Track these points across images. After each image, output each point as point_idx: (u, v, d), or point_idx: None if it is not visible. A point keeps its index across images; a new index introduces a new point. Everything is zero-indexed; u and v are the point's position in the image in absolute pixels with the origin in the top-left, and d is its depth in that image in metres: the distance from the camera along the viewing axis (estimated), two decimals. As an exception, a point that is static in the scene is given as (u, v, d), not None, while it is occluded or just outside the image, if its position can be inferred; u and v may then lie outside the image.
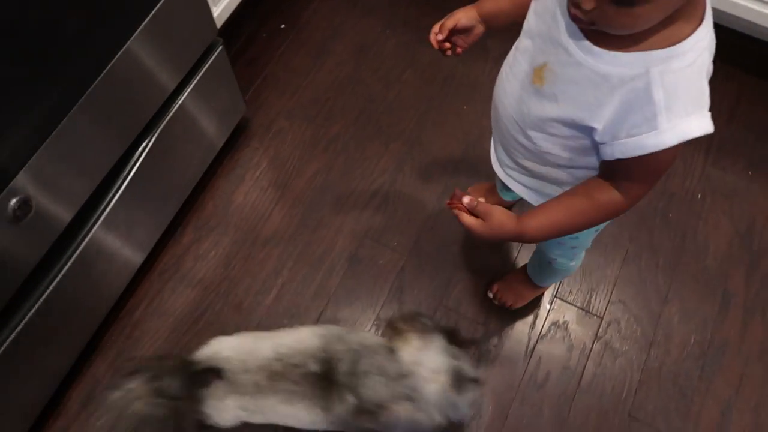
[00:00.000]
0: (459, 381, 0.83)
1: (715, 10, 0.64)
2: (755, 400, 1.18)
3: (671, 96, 0.61)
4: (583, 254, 1.05)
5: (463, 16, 0.82)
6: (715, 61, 0.64)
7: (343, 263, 1.30)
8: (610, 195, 0.70)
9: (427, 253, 1.30)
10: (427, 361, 0.83)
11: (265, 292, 1.28)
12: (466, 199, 0.73)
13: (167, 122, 1.11)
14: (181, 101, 1.12)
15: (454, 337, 0.86)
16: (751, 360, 1.21)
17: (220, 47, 1.16)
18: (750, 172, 1.39)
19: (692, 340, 1.23)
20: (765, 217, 1.35)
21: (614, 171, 0.69)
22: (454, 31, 0.83)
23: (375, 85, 1.49)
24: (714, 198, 1.36)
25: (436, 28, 0.84)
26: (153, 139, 1.09)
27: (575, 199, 0.72)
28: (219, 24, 1.32)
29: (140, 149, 1.09)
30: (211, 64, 1.15)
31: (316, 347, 0.86)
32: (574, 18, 0.62)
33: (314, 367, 0.83)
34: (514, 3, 0.80)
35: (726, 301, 1.26)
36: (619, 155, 0.65)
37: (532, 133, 0.75)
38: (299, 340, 0.88)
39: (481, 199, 0.74)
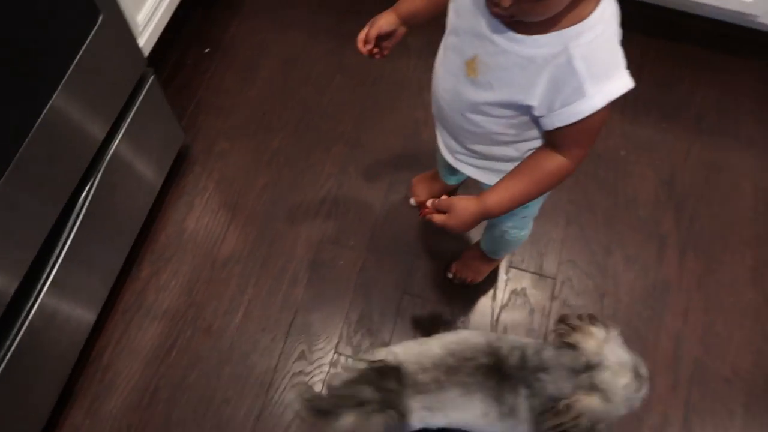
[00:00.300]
0: (637, 377, 0.83)
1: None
2: (701, 328, 1.29)
3: (591, 64, 0.68)
4: (531, 223, 1.12)
5: (384, 23, 0.88)
6: (624, 26, 0.73)
7: (305, 270, 1.33)
8: (556, 161, 0.77)
9: (384, 246, 1.35)
10: (611, 354, 0.82)
11: (233, 312, 1.29)
12: (429, 202, 0.81)
13: (105, 167, 1.09)
14: (117, 141, 1.11)
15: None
16: (691, 293, 1.32)
17: (152, 77, 1.17)
18: (664, 124, 1.52)
19: (638, 286, 1.33)
20: (683, 162, 1.47)
21: (556, 138, 0.77)
22: (379, 38, 0.88)
23: (308, 94, 1.52)
24: (636, 152, 1.48)
25: (362, 36, 0.89)
26: (92, 188, 1.07)
27: (527, 169, 0.80)
28: (145, 53, 1.33)
29: (80, 202, 1.06)
30: (145, 95, 1.16)
31: (482, 344, 0.90)
32: (495, 15, 0.69)
33: (485, 359, 0.87)
34: (429, 2, 0.86)
35: (662, 243, 1.38)
36: (558, 124, 0.73)
37: (476, 118, 0.81)
38: (464, 338, 0.93)
39: (444, 197, 0.82)
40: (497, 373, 0.88)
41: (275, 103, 1.51)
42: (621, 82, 0.70)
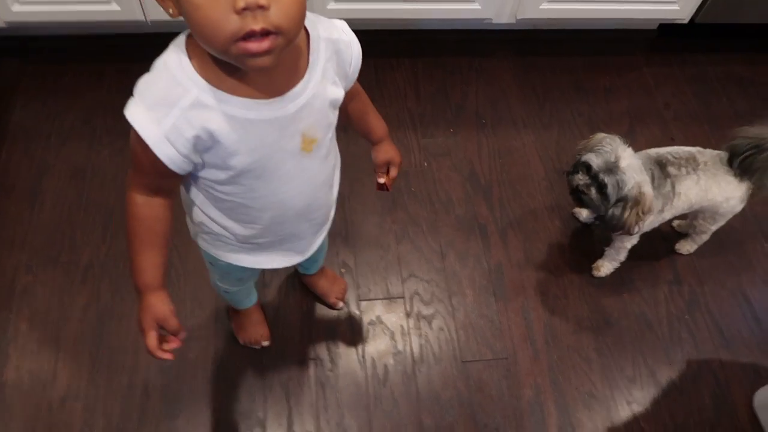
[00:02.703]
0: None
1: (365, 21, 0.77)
2: (539, 295, 1.40)
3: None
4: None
5: (166, 309, 0.78)
6: (390, 56, 0.79)
7: (156, 378, 1.24)
8: None
9: (230, 327, 1.31)
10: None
11: (88, 451, 1.16)
12: (386, 181, 0.99)
13: None
14: None
15: None
16: (522, 266, 1.44)
17: None
18: (452, 129, 1.66)
19: (476, 276, 1.42)
20: (478, 156, 1.61)
21: None
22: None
23: (108, 198, 1.45)
24: (437, 160, 1.60)
25: (154, 344, 0.77)
26: None
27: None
28: None
29: None
30: None
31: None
32: (251, 51, 0.59)
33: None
34: (164, 252, 0.79)
35: (483, 232, 1.49)
36: None
37: (324, 174, 0.83)
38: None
39: (391, 172, 1.00)
40: None
41: (74, 219, 1.42)
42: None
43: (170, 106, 0.64)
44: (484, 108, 1.72)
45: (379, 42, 1.78)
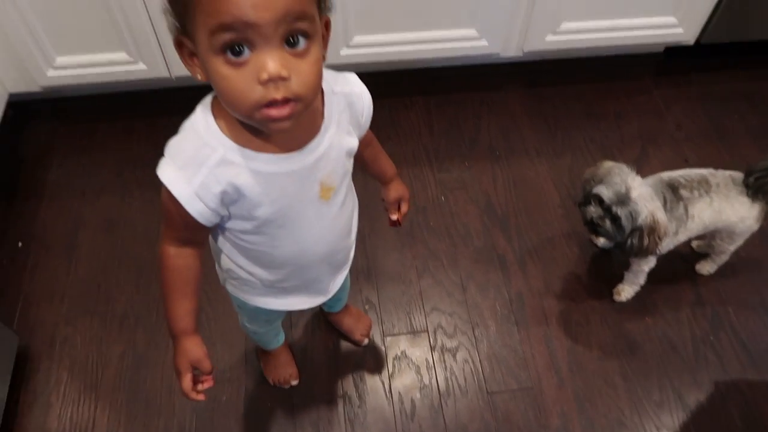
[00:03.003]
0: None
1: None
2: (562, 323, 1.42)
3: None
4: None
5: (200, 353, 0.82)
6: (403, 96, 0.84)
7: (190, 421, 1.28)
8: None
9: (260, 367, 1.35)
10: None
11: (129, 495, 1.20)
12: (398, 218, 1.05)
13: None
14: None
15: None
16: (542, 295, 1.46)
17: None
18: (467, 162, 1.70)
19: (498, 306, 1.44)
20: (493, 188, 1.65)
21: None
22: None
23: (140, 249, 1.52)
24: (453, 194, 1.64)
25: (189, 386, 0.82)
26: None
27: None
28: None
29: None
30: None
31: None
32: (273, 116, 0.63)
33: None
34: (196, 299, 0.83)
35: (503, 263, 1.51)
36: None
37: (343, 218, 0.87)
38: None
39: (402, 208, 1.05)
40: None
41: (108, 271, 1.48)
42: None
43: (199, 165, 0.70)
44: (496, 140, 1.76)
45: (392, 83, 1.84)
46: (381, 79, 0.87)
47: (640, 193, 1.18)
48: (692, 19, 1.72)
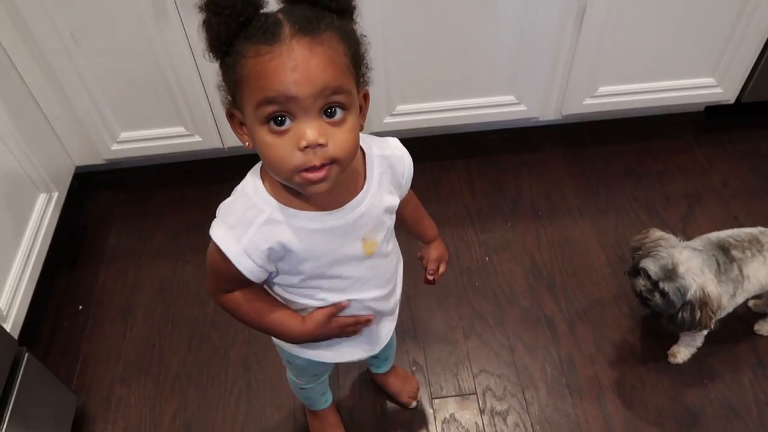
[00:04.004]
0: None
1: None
2: (615, 385, 1.38)
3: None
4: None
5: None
6: (444, 159, 0.88)
7: (240, 484, 1.28)
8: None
9: (308, 429, 1.35)
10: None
11: None
12: (434, 275, 1.06)
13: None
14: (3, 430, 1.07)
15: None
16: (593, 356, 1.43)
17: (26, 355, 1.16)
18: (509, 223, 1.72)
19: (548, 368, 1.42)
20: (537, 248, 1.65)
21: None
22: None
23: (192, 311, 1.56)
24: (497, 254, 1.64)
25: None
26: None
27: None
28: (16, 335, 1.33)
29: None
30: (23, 375, 1.14)
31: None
32: (310, 179, 0.68)
33: None
34: None
35: (551, 324, 1.49)
36: None
37: (389, 264, 0.90)
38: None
39: (440, 267, 1.05)
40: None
41: (162, 332, 1.53)
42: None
43: (247, 225, 0.75)
44: (539, 200, 1.77)
45: (433, 147, 1.90)
46: (422, 144, 0.92)
47: (687, 267, 1.17)
48: (731, 78, 1.74)
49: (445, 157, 1.90)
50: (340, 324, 0.88)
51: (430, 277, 1.06)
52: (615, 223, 1.70)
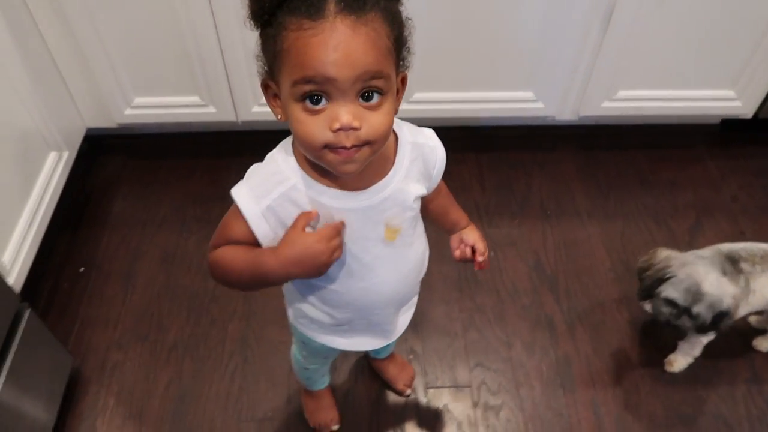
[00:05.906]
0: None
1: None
2: (609, 389, 1.38)
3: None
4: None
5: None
6: (456, 151, 0.86)
7: (230, 457, 1.28)
8: None
9: (301, 409, 1.35)
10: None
11: None
12: (482, 261, 1.01)
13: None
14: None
15: None
16: (590, 359, 1.43)
17: (28, 311, 1.16)
18: (517, 220, 1.71)
19: (544, 367, 1.42)
20: (543, 247, 1.65)
21: None
22: None
23: (192, 283, 1.56)
24: (502, 250, 1.64)
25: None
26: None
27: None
28: (18, 290, 1.33)
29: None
30: (24, 331, 1.14)
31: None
32: (340, 156, 0.67)
33: None
34: None
35: (550, 323, 1.49)
36: None
37: (412, 254, 0.88)
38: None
39: (481, 254, 1.00)
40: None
41: (162, 301, 1.53)
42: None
43: (270, 189, 0.75)
44: (548, 200, 1.77)
45: (446, 138, 1.87)
46: (435, 133, 0.90)
47: (711, 282, 1.17)
48: (751, 93, 1.73)
49: (456, 150, 1.86)
50: (317, 239, 0.75)
51: (481, 259, 1.00)
52: (622, 228, 1.70)
